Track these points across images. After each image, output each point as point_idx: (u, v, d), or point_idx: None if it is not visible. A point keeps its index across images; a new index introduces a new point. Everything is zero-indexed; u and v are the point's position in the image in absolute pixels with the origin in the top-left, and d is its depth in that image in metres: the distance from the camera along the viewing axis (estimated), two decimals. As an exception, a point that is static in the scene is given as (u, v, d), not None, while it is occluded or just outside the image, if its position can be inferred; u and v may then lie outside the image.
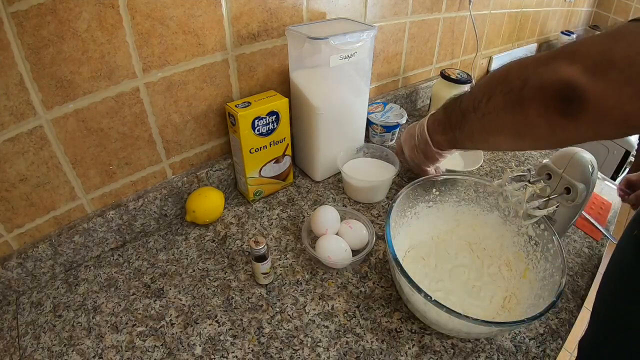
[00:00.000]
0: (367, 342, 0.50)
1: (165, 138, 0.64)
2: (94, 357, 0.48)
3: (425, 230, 0.63)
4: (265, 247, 0.53)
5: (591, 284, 0.61)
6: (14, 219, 0.53)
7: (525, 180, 0.56)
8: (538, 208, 0.54)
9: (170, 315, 0.53)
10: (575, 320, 0.55)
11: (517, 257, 0.59)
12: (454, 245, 0.63)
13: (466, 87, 0.89)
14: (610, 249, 0.65)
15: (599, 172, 0.86)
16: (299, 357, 0.48)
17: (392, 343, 0.50)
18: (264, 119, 0.63)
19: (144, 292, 0.56)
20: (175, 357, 0.48)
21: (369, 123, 0.89)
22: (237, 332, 0.51)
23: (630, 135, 0.51)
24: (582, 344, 0.64)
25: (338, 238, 0.60)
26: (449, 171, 0.73)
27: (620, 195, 0.69)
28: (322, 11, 0.73)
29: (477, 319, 0.41)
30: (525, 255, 0.57)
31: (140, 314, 0.53)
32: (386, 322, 0.53)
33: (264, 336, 0.51)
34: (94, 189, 0.59)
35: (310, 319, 0.53)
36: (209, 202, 0.65)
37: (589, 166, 0.54)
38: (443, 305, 0.42)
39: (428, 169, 0.67)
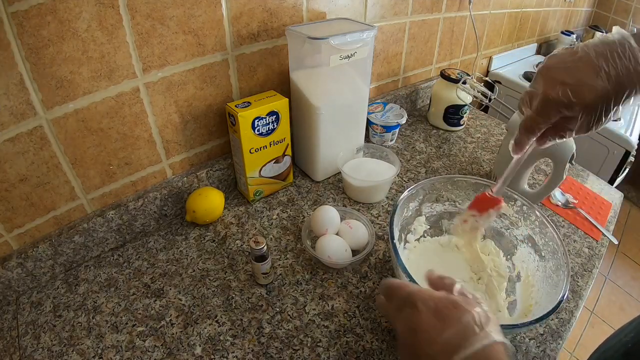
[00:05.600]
0: (367, 342, 0.50)
1: (165, 138, 0.64)
2: (94, 357, 0.48)
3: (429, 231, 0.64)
4: (265, 247, 0.53)
5: (591, 284, 0.61)
6: (14, 219, 0.53)
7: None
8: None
9: (170, 315, 0.53)
10: (575, 320, 0.55)
11: (518, 257, 0.59)
12: (457, 243, 0.63)
13: (466, 86, 0.89)
14: (611, 248, 0.65)
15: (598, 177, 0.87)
16: (299, 357, 0.48)
17: (392, 343, 0.50)
18: (264, 119, 0.63)
19: (144, 292, 0.56)
20: (175, 357, 0.48)
21: (369, 123, 0.89)
22: (237, 332, 0.51)
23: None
24: None
25: (338, 238, 0.60)
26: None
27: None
28: (322, 11, 0.73)
29: None
30: (527, 255, 0.57)
31: (140, 314, 0.53)
32: (386, 322, 0.53)
33: (264, 336, 0.51)
34: (94, 189, 0.59)
35: (310, 319, 0.53)
36: (209, 202, 0.65)
37: None
38: None
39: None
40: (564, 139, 0.42)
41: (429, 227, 0.64)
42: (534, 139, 0.43)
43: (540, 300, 0.50)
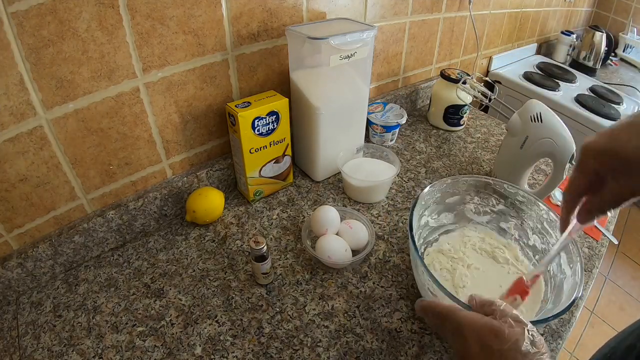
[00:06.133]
0: (367, 342, 0.50)
1: (165, 138, 0.64)
2: (94, 357, 0.48)
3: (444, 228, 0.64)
4: (265, 247, 0.53)
5: (591, 284, 0.61)
6: (14, 219, 0.53)
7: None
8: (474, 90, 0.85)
9: (170, 315, 0.53)
10: (575, 320, 0.55)
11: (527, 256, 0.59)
12: (474, 240, 0.62)
13: (466, 86, 0.89)
14: (611, 249, 0.65)
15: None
16: (299, 357, 0.48)
17: (392, 343, 0.50)
18: (264, 119, 0.63)
19: (144, 292, 0.56)
20: (175, 357, 0.48)
21: (369, 123, 0.89)
22: (237, 332, 0.51)
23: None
24: None
25: (338, 238, 0.60)
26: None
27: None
28: (322, 11, 0.73)
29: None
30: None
31: (140, 314, 0.53)
32: (386, 322, 0.53)
33: (264, 336, 0.51)
34: (94, 189, 0.59)
35: (310, 319, 0.53)
36: (209, 202, 0.65)
37: (532, 112, 0.67)
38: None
39: None
40: (611, 210, 0.38)
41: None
42: (577, 206, 0.40)
43: (548, 297, 0.50)
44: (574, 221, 0.41)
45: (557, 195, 0.77)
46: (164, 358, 0.48)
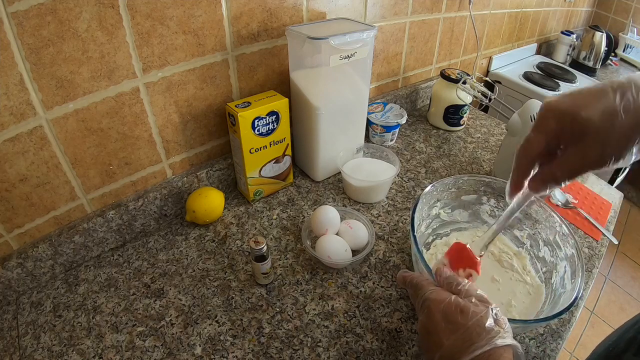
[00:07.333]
0: (367, 342, 0.50)
1: (165, 138, 0.64)
2: (94, 357, 0.48)
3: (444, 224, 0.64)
4: (265, 247, 0.53)
5: (591, 284, 0.61)
6: (14, 219, 0.53)
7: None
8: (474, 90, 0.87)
9: (170, 315, 0.53)
10: (575, 320, 0.55)
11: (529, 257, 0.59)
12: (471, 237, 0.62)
13: (466, 86, 0.89)
14: (611, 248, 0.65)
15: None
16: (299, 357, 0.48)
17: (392, 343, 0.50)
18: (264, 119, 0.63)
19: (144, 292, 0.56)
20: (175, 357, 0.48)
21: (369, 123, 0.89)
22: (237, 332, 0.51)
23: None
24: None
25: (338, 238, 0.60)
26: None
27: None
28: (322, 11, 0.73)
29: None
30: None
31: (140, 314, 0.53)
32: (386, 322, 0.53)
33: (264, 336, 0.51)
34: (94, 189, 0.59)
35: (310, 319, 0.53)
36: (209, 202, 0.65)
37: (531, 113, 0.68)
38: None
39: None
40: (565, 182, 0.35)
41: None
42: (531, 171, 0.37)
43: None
44: (524, 188, 0.38)
45: (557, 195, 0.77)
46: (164, 358, 0.48)
